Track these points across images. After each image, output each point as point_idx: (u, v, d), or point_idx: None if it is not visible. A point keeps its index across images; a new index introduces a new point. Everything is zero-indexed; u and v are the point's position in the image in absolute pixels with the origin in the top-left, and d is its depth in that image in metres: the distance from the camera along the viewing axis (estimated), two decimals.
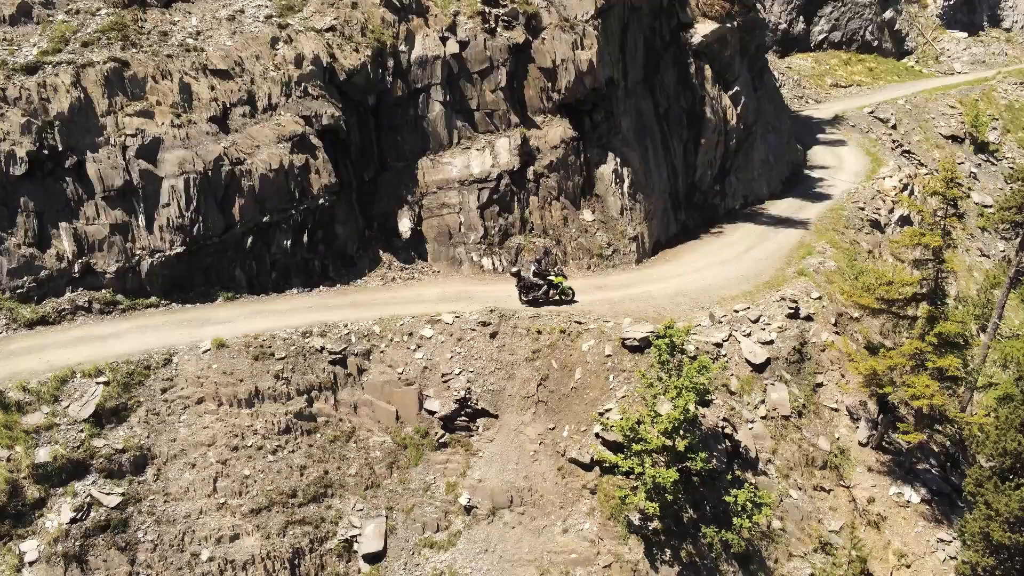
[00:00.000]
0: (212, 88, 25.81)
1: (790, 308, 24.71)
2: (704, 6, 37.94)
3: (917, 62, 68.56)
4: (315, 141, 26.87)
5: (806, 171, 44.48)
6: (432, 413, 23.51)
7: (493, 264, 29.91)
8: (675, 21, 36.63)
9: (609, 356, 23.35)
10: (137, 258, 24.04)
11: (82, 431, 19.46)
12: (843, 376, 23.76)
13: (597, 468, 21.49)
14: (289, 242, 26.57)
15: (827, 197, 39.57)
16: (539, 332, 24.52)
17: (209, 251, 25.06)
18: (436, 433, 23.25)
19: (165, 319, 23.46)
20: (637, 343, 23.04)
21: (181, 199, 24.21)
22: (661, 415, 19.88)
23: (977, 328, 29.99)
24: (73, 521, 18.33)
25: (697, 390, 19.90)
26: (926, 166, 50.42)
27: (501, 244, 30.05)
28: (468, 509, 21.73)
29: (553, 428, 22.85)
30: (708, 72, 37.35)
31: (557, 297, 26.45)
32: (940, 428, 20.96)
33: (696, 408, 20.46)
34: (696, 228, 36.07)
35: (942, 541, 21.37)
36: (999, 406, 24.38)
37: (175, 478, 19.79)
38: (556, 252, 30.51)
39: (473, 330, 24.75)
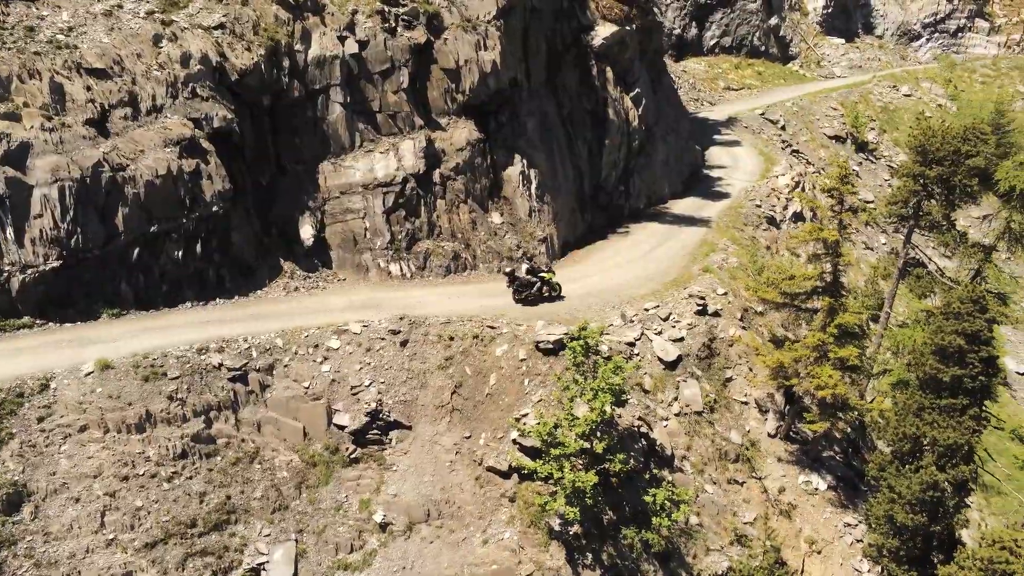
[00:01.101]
0: (88, 88, 23.77)
1: (698, 305, 24.97)
2: (603, 9, 38.22)
3: (801, 66, 71.83)
4: (206, 145, 25.23)
5: (705, 171, 45.57)
6: (342, 428, 22.40)
7: (401, 270, 28.98)
8: (576, 23, 36.69)
9: (523, 360, 22.88)
10: (6, 275, 21.76)
11: None
12: (751, 370, 24.18)
13: (515, 475, 20.97)
14: (181, 252, 24.80)
15: (726, 196, 40.61)
16: (451, 338, 23.79)
17: (90, 265, 23.01)
18: (347, 448, 22.15)
19: (41, 340, 21.34)
20: (551, 346, 22.67)
21: (55, 209, 22.10)
22: (578, 418, 19.55)
23: (867, 317, 31.35)
24: None
25: (613, 391, 19.68)
26: (813, 165, 52.79)
27: (409, 249, 29.16)
28: (383, 526, 20.76)
29: (469, 436, 22.18)
30: (609, 74, 37.62)
31: (548, 293, 26.39)
32: (842, 416, 21.63)
33: (612, 409, 20.26)
34: (603, 228, 36.20)
35: (848, 525, 22.02)
36: (893, 391, 25.49)
37: (56, 515, 17.93)
38: (466, 256, 29.87)
39: (382, 339, 23.78)
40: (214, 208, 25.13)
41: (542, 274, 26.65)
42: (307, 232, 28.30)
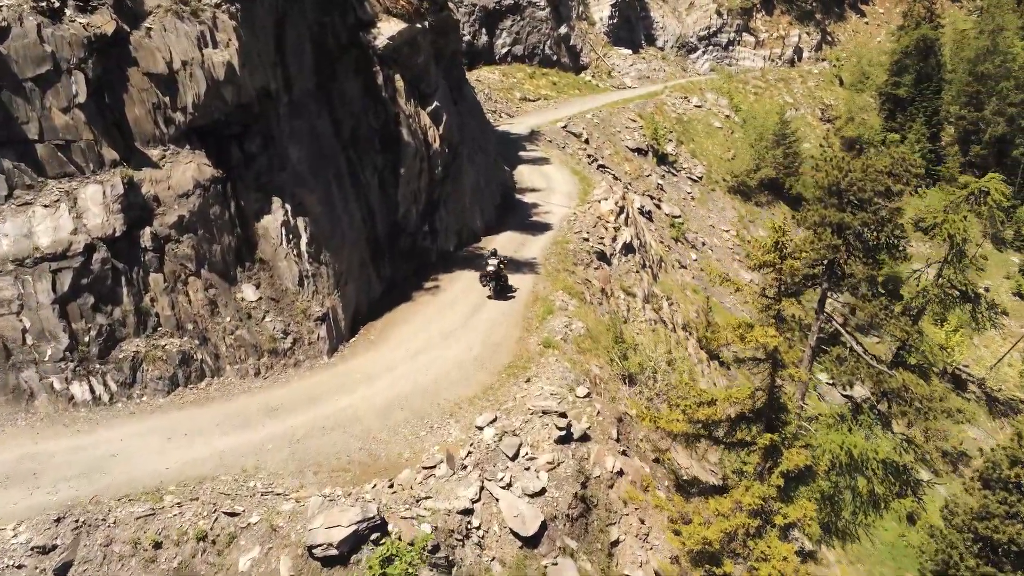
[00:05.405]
0: None
1: (558, 429, 15.96)
2: (388, 2, 28.21)
3: (593, 77, 66.62)
4: None
5: (517, 195, 37.24)
6: None
7: (92, 391, 17.17)
8: (353, 18, 26.35)
9: None
10: None
11: None
12: (643, 522, 15.71)
13: None
14: None
15: (547, 227, 32.44)
16: (157, 545, 12.76)
17: None
18: None
19: None
20: (335, 551, 12.45)
21: None
22: None
23: None
24: None
25: None
26: (620, 179, 46.88)
27: (104, 357, 17.40)
28: None
29: None
30: (400, 83, 27.72)
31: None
32: None
33: None
34: (406, 283, 26.30)
35: None
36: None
37: None
38: (202, 356, 18.63)
39: (19, 568, 12.19)
40: None
41: (502, 264, 24.74)
42: None
